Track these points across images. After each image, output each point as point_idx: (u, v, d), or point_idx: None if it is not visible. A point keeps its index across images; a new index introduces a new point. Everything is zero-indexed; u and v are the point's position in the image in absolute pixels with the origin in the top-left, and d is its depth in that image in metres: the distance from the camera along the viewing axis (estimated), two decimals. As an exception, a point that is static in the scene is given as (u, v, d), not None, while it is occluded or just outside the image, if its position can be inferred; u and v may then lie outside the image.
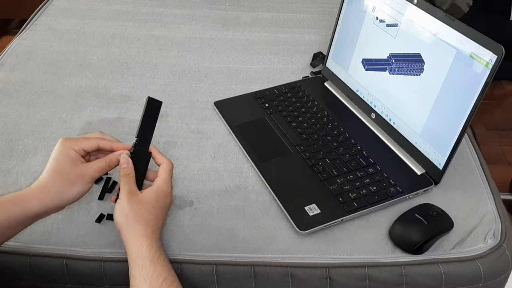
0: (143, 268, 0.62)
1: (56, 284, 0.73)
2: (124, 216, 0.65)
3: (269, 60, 1.15)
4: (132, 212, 0.65)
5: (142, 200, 0.67)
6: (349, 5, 0.98)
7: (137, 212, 0.65)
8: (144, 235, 0.64)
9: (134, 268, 0.62)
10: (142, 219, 0.65)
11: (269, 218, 0.77)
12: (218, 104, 0.99)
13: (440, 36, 0.79)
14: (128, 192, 0.67)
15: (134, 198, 0.66)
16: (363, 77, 0.95)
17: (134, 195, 0.67)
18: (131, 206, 0.66)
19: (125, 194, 0.67)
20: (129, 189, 0.67)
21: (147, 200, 0.67)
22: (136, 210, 0.65)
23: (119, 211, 0.66)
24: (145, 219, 0.65)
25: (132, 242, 0.64)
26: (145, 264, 0.62)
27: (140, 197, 0.67)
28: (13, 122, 0.95)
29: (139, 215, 0.65)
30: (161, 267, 0.62)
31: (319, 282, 0.71)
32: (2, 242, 0.65)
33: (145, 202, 0.67)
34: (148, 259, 0.62)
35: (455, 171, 0.85)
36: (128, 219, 0.65)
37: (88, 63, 1.12)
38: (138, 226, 0.64)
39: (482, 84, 0.72)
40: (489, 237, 0.74)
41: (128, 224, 0.65)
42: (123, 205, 0.66)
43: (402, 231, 0.74)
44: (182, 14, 1.32)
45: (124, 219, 0.65)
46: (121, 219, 0.65)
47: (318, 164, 0.84)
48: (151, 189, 0.69)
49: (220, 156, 0.88)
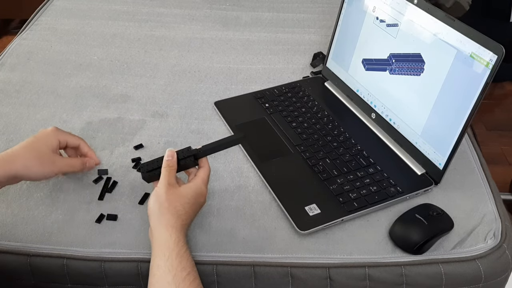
0: (169, 259, 0.63)
1: (56, 284, 0.73)
2: (158, 204, 0.67)
3: (269, 60, 1.15)
4: (167, 202, 0.67)
5: (179, 193, 0.69)
6: (349, 5, 0.98)
7: (172, 203, 0.67)
8: (174, 227, 0.65)
9: (159, 257, 0.63)
10: (175, 211, 0.67)
11: (269, 218, 0.77)
12: (218, 104, 0.99)
13: (440, 36, 0.79)
14: (167, 183, 0.69)
15: (172, 189, 0.69)
16: (363, 77, 0.95)
17: (173, 187, 0.69)
18: (168, 197, 0.67)
19: (164, 184, 0.69)
20: (169, 180, 0.69)
21: (183, 194, 0.69)
22: (171, 201, 0.67)
23: (155, 199, 0.68)
24: (178, 211, 0.67)
25: (161, 231, 0.65)
26: (171, 256, 0.63)
27: (177, 190, 0.69)
28: (13, 122, 0.95)
29: (173, 206, 0.67)
30: (186, 261, 0.63)
31: (319, 282, 0.71)
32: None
33: (182, 196, 0.69)
34: (175, 251, 0.63)
35: (455, 171, 0.85)
36: (162, 208, 0.67)
37: (88, 63, 1.12)
38: (170, 217, 0.66)
39: (482, 84, 0.72)
40: (489, 237, 0.74)
41: (161, 214, 0.66)
42: (160, 193, 0.68)
43: (402, 231, 0.74)
44: (182, 14, 1.32)
45: (157, 207, 0.67)
46: (154, 207, 0.67)
47: (318, 164, 0.84)
48: (189, 185, 0.71)
49: (220, 156, 0.88)
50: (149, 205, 0.68)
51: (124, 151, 0.89)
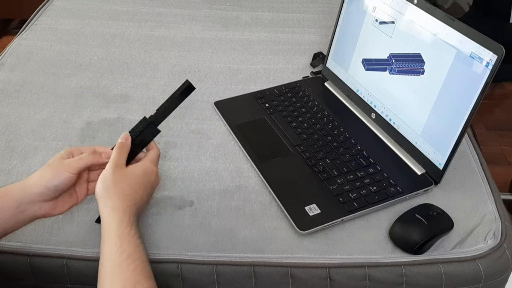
0: (110, 245, 0.61)
1: (56, 284, 0.73)
2: (105, 188, 0.65)
3: (269, 60, 1.15)
4: (113, 184, 0.65)
5: (126, 174, 0.67)
6: (349, 5, 0.98)
7: (118, 184, 0.66)
8: (118, 209, 0.63)
9: (103, 242, 0.62)
10: (120, 192, 0.65)
11: (269, 218, 0.77)
12: (218, 104, 0.99)
13: (440, 36, 0.79)
14: (115, 164, 0.67)
15: (118, 170, 0.67)
16: (363, 77, 0.95)
17: (120, 168, 0.67)
18: (114, 179, 0.66)
19: (112, 166, 0.67)
20: (117, 162, 0.68)
21: (130, 174, 0.68)
22: (117, 182, 0.66)
23: (101, 182, 0.66)
24: (123, 192, 0.65)
25: (106, 216, 0.64)
26: (112, 240, 0.61)
27: (124, 171, 0.68)
28: (13, 122, 0.95)
29: (119, 188, 0.65)
30: (127, 244, 0.61)
31: (319, 282, 0.71)
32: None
33: (128, 176, 0.67)
34: (116, 235, 0.61)
35: (455, 171, 0.85)
36: (108, 191, 0.65)
37: (88, 63, 1.12)
38: (115, 199, 0.64)
39: (482, 84, 0.72)
40: (489, 237, 0.74)
41: (106, 196, 0.65)
42: (106, 175, 0.66)
43: (402, 231, 0.74)
44: (182, 14, 1.32)
45: (103, 190, 0.65)
46: (101, 190, 0.66)
47: (318, 164, 0.84)
48: (137, 164, 0.69)
49: (220, 156, 0.88)
50: (96, 188, 0.66)
51: (124, 151, 0.89)
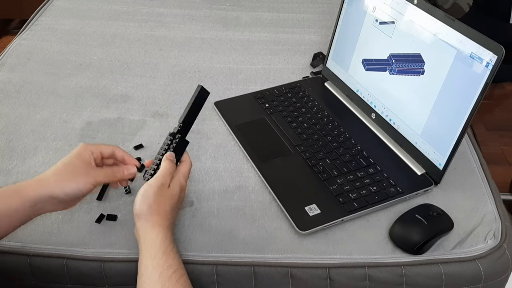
0: (155, 258, 0.63)
1: (56, 284, 0.73)
2: (147, 206, 0.66)
3: (269, 60, 1.15)
4: (156, 204, 0.66)
5: (169, 194, 0.68)
6: (349, 5, 0.98)
7: (161, 205, 0.67)
8: (161, 226, 0.65)
9: (146, 257, 0.63)
10: (163, 212, 0.67)
11: (269, 218, 0.77)
12: (218, 104, 0.99)
13: (440, 36, 0.79)
14: (161, 184, 0.68)
15: (163, 190, 0.68)
16: (363, 77, 0.95)
17: (164, 188, 0.68)
18: (158, 199, 0.67)
19: (157, 185, 0.68)
20: (163, 181, 0.68)
21: (172, 195, 0.69)
22: (161, 203, 0.67)
23: (143, 199, 0.67)
24: (165, 212, 0.67)
25: (149, 231, 0.65)
26: (157, 254, 0.63)
27: (168, 192, 0.68)
28: (13, 122, 0.95)
29: (162, 208, 0.67)
30: (172, 259, 0.63)
31: (319, 282, 0.71)
32: (3, 235, 0.65)
33: (170, 197, 0.68)
34: (161, 250, 0.63)
35: (455, 171, 0.85)
36: (150, 210, 0.66)
37: (88, 63, 1.12)
38: (158, 217, 0.66)
39: (482, 84, 0.72)
40: (489, 238, 0.74)
41: (149, 214, 0.66)
42: (149, 194, 0.67)
43: (402, 231, 0.74)
44: (182, 14, 1.32)
45: (146, 208, 0.66)
46: (143, 207, 0.66)
47: (318, 164, 0.84)
48: (175, 183, 0.70)
49: (220, 156, 0.88)
50: (135, 205, 0.67)
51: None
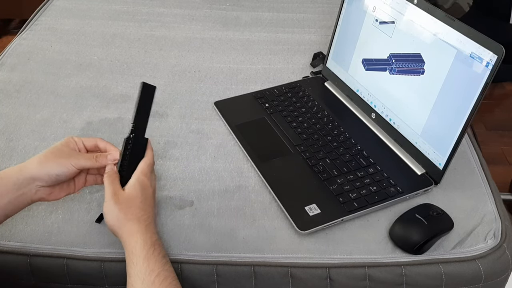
0: (137, 265, 0.61)
1: (56, 284, 0.73)
2: (115, 218, 0.65)
3: (269, 60, 1.15)
4: (122, 213, 0.65)
5: (128, 197, 0.66)
6: (349, 5, 0.98)
7: (127, 211, 0.65)
8: (138, 232, 0.64)
9: (129, 265, 0.62)
10: (133, 217, 0.65)
11: (269, 218, 0.77)
12: (218, 104, 0.99)
13: (440, 36, 0.79)
14: (113, 194, 0.66)
15: (119, 198, 0.66)
16: (363, 77, 0.95)
17: (119, 195, 0.66)
18: (120, 207, 0.65)
19: (111, 196, 0.66)
20: (113, 189, 0.67)
21: (133, 195, 0.66)
22: (125, 209, 0.65)
23: (109, 215, 0.65)
24: (136, 215, 0.65)
25: (128, 240, 0.64)
26: (138, 261, 0.62)
27: (125, 195, 0.66)
28: (13, 122, 0.95)
29: (130, 213, 0.65)
30: (154, 263, 0.62)
31: (319, 282, 0.71)
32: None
33: (132, 198, 0.66)
34: (141, 256, 0.62)
35: (455, 171, 0.85)
36: (120, 220, 0.65)
37: (88, 63, 1.12)
38: (131, 224, 0.64)
39: (482, 84, 0.72)
40: (489, 237, 0.74)
41: (121, 225, 0.65)
42: (110, 207, 0.65)
43: (402, 231, 0.74)
44: (182, 14, 1.32)
45: (115, 221, 0.65)
46: (112, 222, 0.65)
47: (318, 164, 0.84)
48: (132, 183, 0.68)
49: (220, 156, 0.88)
50: (107, 222, 0.66)
51: (124, 151, 0.89)
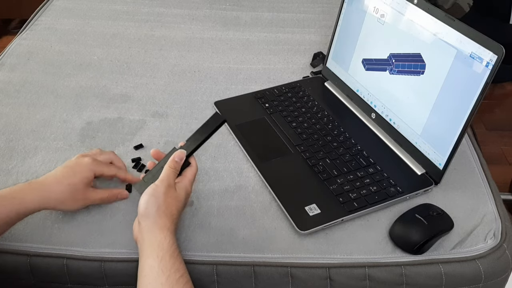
0: (162, 260, 0.62)
1: (56, 284, 0.73)
2: (156, 206, 0.66)
3: (269, 60, 1.15)
4: (164, 205, 0.66)
5: (176, 196, 0.69)
6: (349, 5, 0.98)
7: (169, 206, 0.67)
8: (169, 230, 0.65)
9: (152, 258, 0.63)
10: (170, 214, 0.67)
11: (269, 218, 0.77)
12: (218, 104, 0.99)
13: (440, 36, 0.79)
14: (168, 185, 0.68)
15: (171, 192, 0.68)
16: (363, 77, 0.95)
17: (173, 189, 0.68)
18: (166, 200, 0.67)
19: (165, 185, 0.68)
20: (169, 182, 0.68)
21: (179, 197, 0.69)
22: (169, 204, 0.67)
23: (153, 199, 0.66)
24: (173, 215, 0.67)
25: (157, 233, 0.64)
26: (164, 257, 0.62)
27: (175, 194, 0.69)
28: (13, 122, 0.95)
29: (169, 210, 0.67)
30: (179, 264, 0.63)
31: (319, 282, 0.71)
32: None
33: (179, 200, 0.69)
34: (169, 253, 0.63)
35: (455, 171, 0.85)
36: (159, 211, 0.66)
37: (88, 63, 1.12)
38: (166, 219, 0.66)
39: (482, 84, 0.72)
40: (489, 237, 0.74)
41: (158, 216, 0.65)
42: (158, 194, 0.67)
43: (402, 231, 0.74)
44: (182, 14, 1.32)
45: (155, 209, 0.66)
46: (151, 208, 0.66)
47: (318, 164, 0.84)
48: (181, 187, 0.70)
49: (220, 156, 0.88)
50: (143, 205, 0.66)
51: (124, 151, 0.89)
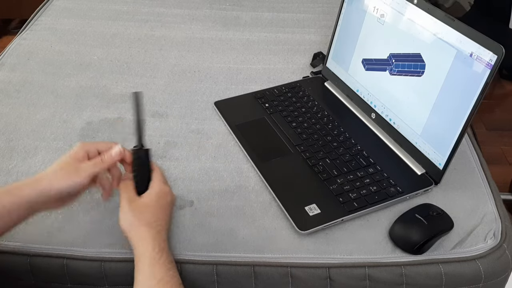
0: (142, 271, 0.63)
1: (56, 284, 0.73)
2: (128, 223, 0.67)
3: (269, 60, 1.15)
4: (135, 218, 0.67)
5: (143, 204, 0.69)
6: (349, 5, 0.98)
7: (140, 217, 0.67)
8: (148, 237, 0.66)
9: (136, 271, 0.64)
10: (144, 223, 0.67)
11: (269, 218, 0.77)
12: (218, 104, 0.99)
13: (440, 36, 0.79)
14: (128, 200, 0.69)
15: (134, 203, 0.69)
16: (363, 77, 0.95)
17: (134, 201, 0.69)
18: (134, 213, 0.68)
19: (126, 202, 0.69)
20: (128, 196, 0.69)
21: (147, 203, 0.69)
22: (139, 215, 0.67)
23: (123, 220, 0.68)
24: (147, 221, 0.67)
25: (137, 245, 0.66)
26: (143, 268, 0.63)
27: (140, 202, 0.69)
28: (13, 122, 0.95)
29: (142, 219, 0.67)
30: (159, 269, 0.63)
31: (319, 282, 0.71)
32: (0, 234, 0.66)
33: (146, 206, 0.69)
34: (147, 262, 0.64)
35: (455, 171, 0.85)
36: (133, 225, 0.67)
37: (88, 63, 1.12)
38: (142, 229, 0.66)
39: (482, 84, 0.72)
40: (489, 237, 0.74)
41: (133, 230, 0.67)
42: (125, 212, 0.68)
43: (402, 231, 0.74)
44: (182, 14, 1.32)
45: (128, 225, 0.67)
46: (125, 226, 0.68)
47: (318, 164, 0.84)
48: (150, 191, 0.71)
49: (220, 156, 0.88)
50: (121, 226, 0.68)
51: (124, 151, 0.89)
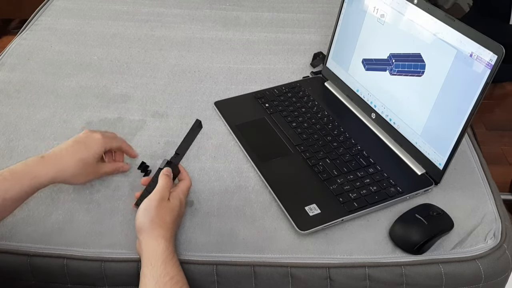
0: (154, 267, 0.64)
1: (56, 284, 0.73)
2: (149, 219, 0.69)
3: (269, 60, 1.15)
4: (157, 217, 0.69)
5: (170, 207, 0.71)
6: (350, 5, 0.98)
7: (162, 217, 0.69)
8: (163, 237, 0.67)
9: (146, 266, 0.65)
10: (164, 224, 0.69)
11: (269, 218, 0.77)
12: (218, 104, 0.99)
13: (440, 36, 0.79)
14: (161, 197, 0.71)
15: (164, 204, 0.71)
16: (363, 77, 0.95)
17: (164, 201, 0.71)
18: (159, 212, 0.69)
19: (158, 198, 0.71)
20: (163, 195, 0.71)
21: (172, 208, 0.71)
22: (162, 215, 0.69)
23: (145, 213, 0.69)
24: (167, 224, 0.69)
25: (151, 242, 0.67)
26: (156, 264, 0.65)
27: (168, 205, 0.71)
28: (13, 122, 0.95)
29: (163, 220, 0.69)
30: (171, 267, 0.65)
31: (319, 282, 0.71)
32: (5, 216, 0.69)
33: (172, 210, 0.71)
34: (161, 260, 0.65)
35: (455, 171, 0.85)
36: (153, 223, 0.68)
37: (88, 63, 1.12)
38: (160, 229, 0.68)
39: (482, 84, 0.72)
40: (490, 237, 0.74)
41: (151, 227, 0.68)
42: (151, 207, 0.70)
43: (402, 231, 0.74)
44: (182, 14, 1.32)
45: (148, 221, 0.69)
46: (145, 221, 0.69)
47: (318, 164, 0.84)
48: (174, 197, 0.73)
49: (220, 156, 0.88)
50: (138, 219, 0.69)
51: (124, 151, 0.89)
